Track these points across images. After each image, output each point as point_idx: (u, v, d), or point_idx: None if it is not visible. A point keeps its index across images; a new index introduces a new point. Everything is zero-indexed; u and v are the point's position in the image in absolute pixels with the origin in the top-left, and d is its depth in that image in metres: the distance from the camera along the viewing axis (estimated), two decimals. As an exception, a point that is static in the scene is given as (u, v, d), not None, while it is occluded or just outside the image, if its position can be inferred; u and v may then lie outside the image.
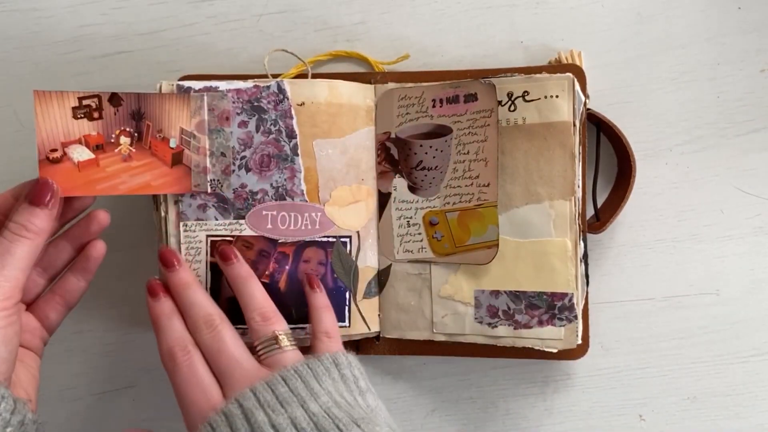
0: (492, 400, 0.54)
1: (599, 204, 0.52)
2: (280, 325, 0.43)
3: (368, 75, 0.52)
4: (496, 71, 0.50)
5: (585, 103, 0.48)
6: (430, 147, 0.49)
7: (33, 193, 0.41)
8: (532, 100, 0.48)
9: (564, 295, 0.48)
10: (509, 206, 0.49)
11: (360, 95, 0.50)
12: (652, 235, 0.53)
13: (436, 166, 0.50)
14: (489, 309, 0.49)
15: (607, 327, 0.53)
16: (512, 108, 0.48)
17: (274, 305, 0.44)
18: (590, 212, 0.51)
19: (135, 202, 0.54)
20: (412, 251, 0.50)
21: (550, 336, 0.48)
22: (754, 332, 0.53)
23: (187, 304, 0.43)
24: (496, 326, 0.49)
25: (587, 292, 0.49)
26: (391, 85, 0.51)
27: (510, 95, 0.48)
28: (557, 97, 0.47)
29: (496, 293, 0.49)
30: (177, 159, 0.46)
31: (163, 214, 0.49)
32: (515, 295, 0.49)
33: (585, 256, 0.49)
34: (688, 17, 0.53)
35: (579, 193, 0.48)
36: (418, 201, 0.50)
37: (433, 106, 0.50)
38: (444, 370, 0.54)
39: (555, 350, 0.48)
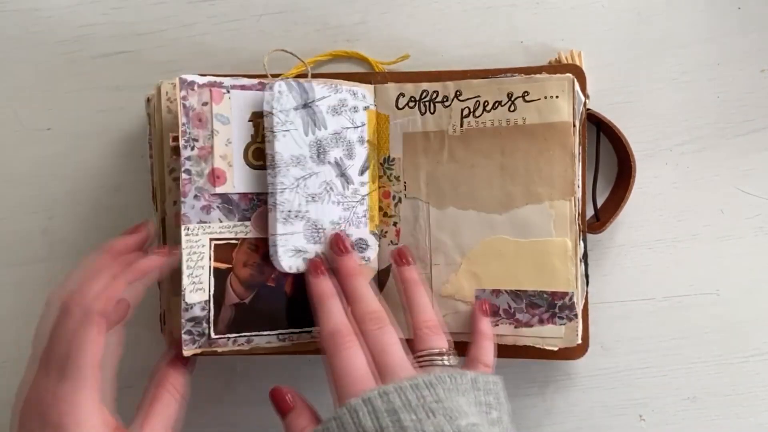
0: (492, 400, 0.54)
1: (599, 204, 0.52)
2: (444, 341, 0.43)
3: (368, 75, 0.52)
4: (496, 71, 0.50)
5: (585, 103, 0.48)
6: None
7: None
8: (532, 101, 0.48)
9: (564, 294, 0.48)
10: (510, 206, 0.48)
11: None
12: (652, 235, 0.53)
13: None
14: (490, 308, 0.49)
15: (607, 327, 0.53)
16: (512, 108, 0.48)
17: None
18: (590, 212, 0.51)
19: (135, 202, 0.54)
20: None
21: (551, 334, 0.48)
22: (754, 332, 0.53)
23: (356, 294, 0.44)
24: (496, 325, 0.49)
25: (587, 292, 0.49)
26: (390, 85, 0.51)
27: (510, 95, 0.48)
28: (557, 97, 0.47)
29: (497, 292, 0.49)
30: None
31: (162, 215, 0.48)
32: (516, 294, 0.49)
33: (585, 256, 0.49)
34: (688, 17, 0.53)
35: (579, 193, 0.48)
36: None
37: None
38: (444, 370, 0.54)
39: (555, 348, 0.48)
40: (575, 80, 0.47)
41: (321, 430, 0.37)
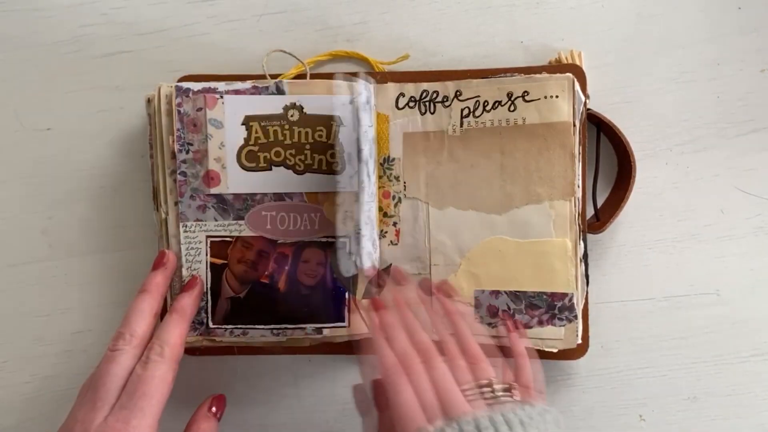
0: (492, 400, 0.54)
1: (599, 204, 0.52)
2: (489, 370, 0.42)
3: (368, 75, 0.52)
4: (496, 71, 0.50)
5: (585, 103, 0.48)
6: None
7: None
8: (532, 101, 0.48)
9: (564, 295, 0.48)
10: (509, 206, 0.48)
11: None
12: (652, 235, 0.53)
13: None
14: (489, 309, 0.49)
15: (607, 327, 0.53)
16: (512, 108, 0.48)
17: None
18: (590, 212, 0.51)
19: (135, 202, 0.54)
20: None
21: (550, 336, 0.48)
22: (754, 332, 0.53)
23: (413, 325, 0.43)
24: (496, 326, 0.49)
25: (587, 292, 0.49)
26: (390, 85, 0.50)
27: (510, 95, 0.48)
28: (557, 97, 0.47)
29: (496, 293, 0.49)
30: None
31: (163, 215, 0.49)
32: (515, 295, 0.49)
33: (585, 256, 0.49)
34: (688, 17, 0.53)
35: (579, 193, 0.48)
36: None
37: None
38: (444, 370, 0.54)
39: (555, 350, 0.48)
40: (575, 80, 0.47)
41: None
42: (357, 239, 0.47)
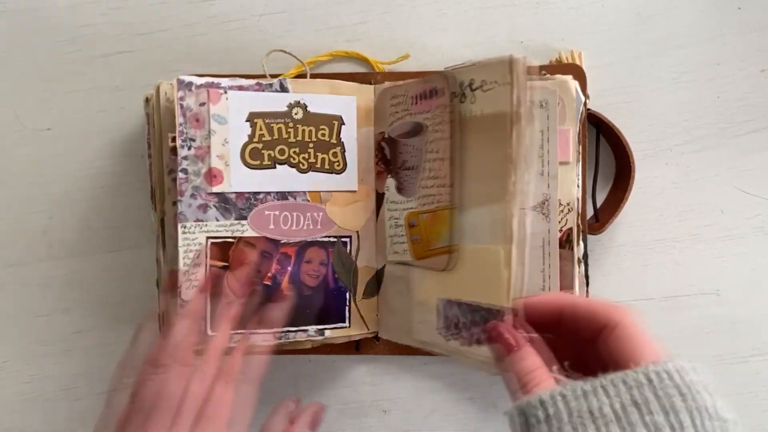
0: (492, 400, 0.54)
1: (599, 204, 0.52)
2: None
3: (368, 75, 0.52)
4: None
5: (585, 103, 0.48)
6: (411, 146, 0.47)
7: None
8: (487, 90, 0.41)
9: (498, 312, 0.39)
10: (466, 208, 0.43)
11: (360, 95, 0.50)
12: (652, 235, 0.53)
13: (414, 166, 0.47)
14: (446, 320, 0.43)
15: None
16: (473, 100, 0.43)
17: None
18: (590, 212, 0.51)
19: (135, 202, 0.54)
20: (398, 252, 0.49)
21: (483, 357, 0.41)
22: (754, 332, 0.53)
23: None
24: (449, 339, 0.43)
25: (587, 293, 0.49)
26: (388, 84, 0.50)
27: (463, 85, 0.43)
28: (496, 83, 0.41)
29: (451, 303, 0.44)
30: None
31: (161, 215, 0.48)
32: (463, 307, 0.43)
33: (585, 256, 0.49)
34: (688, 17, 0.53)
35: (579, 193, 0.48)
36: (403, 202, 0.48)
37: (413, 104, 0.47)
38: (444, 370, 0.54)
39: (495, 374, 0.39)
40: (521, 62, 0.39)
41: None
42: None
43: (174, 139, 0.46)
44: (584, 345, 0.36)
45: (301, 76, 0.51)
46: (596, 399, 0.31)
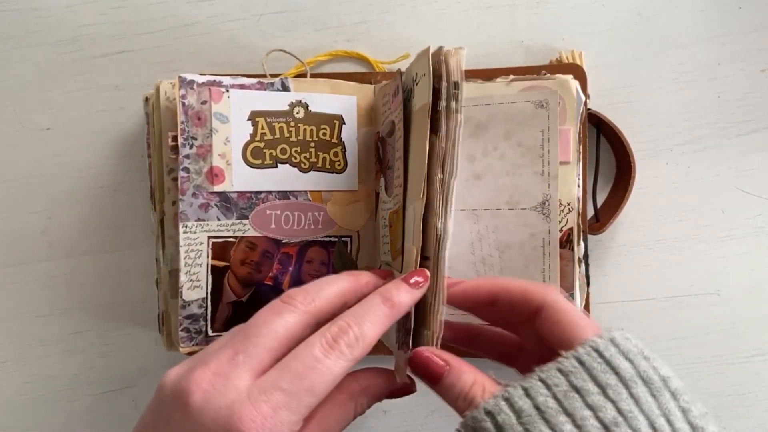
0: (492, 401, 0.54)
1: (599, 204, 0.52)
2: None
3: (368, 75, 0.52)
4: (496, 71, 0.50)
5: (585, 103, 0.48)
6: (390, 146, 0.46)
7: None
8: (418, 83, 0.40)
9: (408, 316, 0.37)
10: (407, 208, 0.41)
11: (361, 95, 0.50)
12: (652, 235, 0.53)
13: (391, 166, 0.46)
14: (398, 324, 0.40)
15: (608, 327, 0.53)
16: (413, 95, 0.41)
17: None
18: (590, 212, 0.51)
19: (134, 202, 0.54)
20: (386, 253, 0.48)
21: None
22: (754, 332, 0.53)
23: None
24: (397, 349, 0.40)
25: (588, 293, 0.49)
26: (384, 83, 0.50)
27: (413, 80, 0.42)
28: (424, 75, 0.39)
29: None
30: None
31: (161, 215, 0.48)
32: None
33: (585, 256, 0.49)
34: (688, 17, 0.53)
35: (579, 193, 0.48)
36: (387, 201, 0.47)
37: (391, 102, 0.46)
38: (444, 370, 0.54)
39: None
40: (440, 51, 0.38)
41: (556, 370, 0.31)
42: None
43: (174, 138, 0.46)
44: (526, 329, 0.36)
45: (301, 75, 0.51)
46: (539, 394, 0.30)
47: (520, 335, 0.39)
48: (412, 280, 0.36)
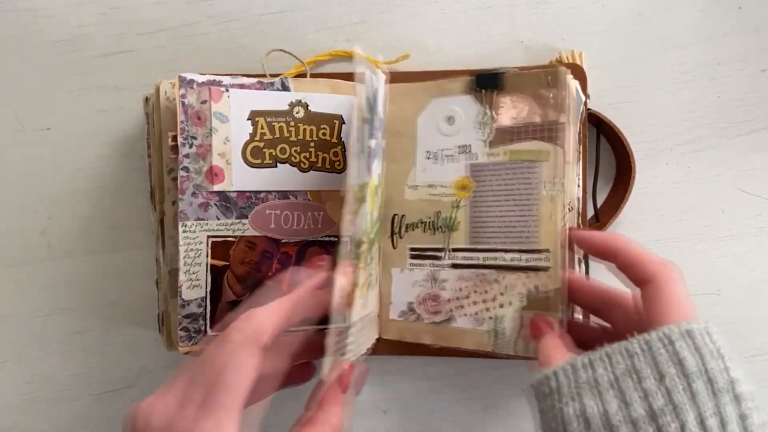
0: (492, 400, 0.54)
1: (599, 204, 0.52)
2: None
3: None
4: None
5: (585, 103, 0.48)
6: None
7: None
8: None
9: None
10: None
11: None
12: (652, 235, 0.53)
13: None
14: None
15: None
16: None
17: None
18: (590, 212, 0.51)
19: (134, 202, 0.54)
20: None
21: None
22: (754, 332, 0.53)
23: None
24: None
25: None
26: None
27: None
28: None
29: None
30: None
31: (161, 215, 0.48)
32: None
33: (586, 256, 0.48)
34: (688, 17, 0.53)
35: (579, 193, 0.48)
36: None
37: None
38: (444, 370, 0.54)
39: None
40: (369, 65, 0.41)
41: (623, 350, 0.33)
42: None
43: (174, 138, 0.46)
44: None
45: (301, 75, 0.51)
46: (599, 367, 0.33)
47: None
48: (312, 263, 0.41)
